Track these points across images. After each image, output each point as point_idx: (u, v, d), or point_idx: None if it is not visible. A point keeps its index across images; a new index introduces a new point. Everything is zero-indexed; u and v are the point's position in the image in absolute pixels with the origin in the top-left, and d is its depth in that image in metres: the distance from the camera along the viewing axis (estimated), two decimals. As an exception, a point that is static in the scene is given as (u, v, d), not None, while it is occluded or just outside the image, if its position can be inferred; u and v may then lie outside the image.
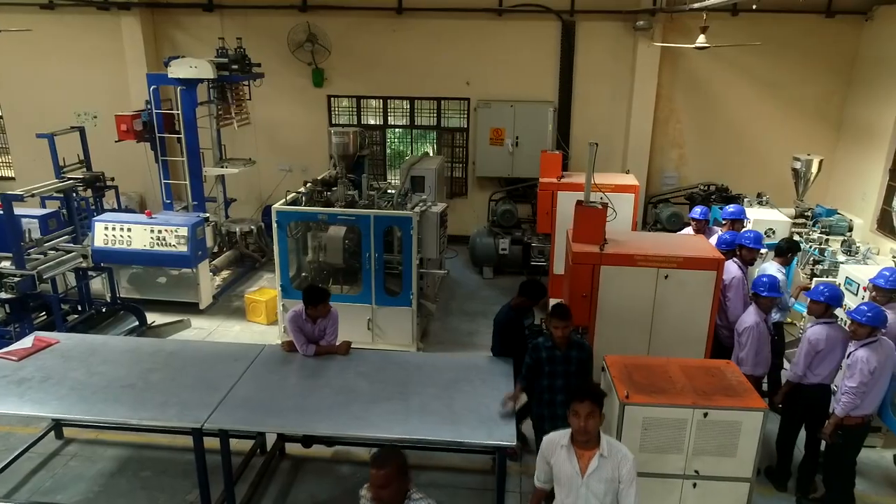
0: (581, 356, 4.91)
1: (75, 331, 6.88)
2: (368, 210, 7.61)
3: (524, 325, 5.80)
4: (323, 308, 5.49)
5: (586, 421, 3.51)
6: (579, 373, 4.89)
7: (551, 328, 4.86)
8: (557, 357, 4.89)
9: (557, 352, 4.88)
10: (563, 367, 4.89)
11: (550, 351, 4.90)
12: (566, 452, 3.62)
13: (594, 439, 3.59)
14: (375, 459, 3.21)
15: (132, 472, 5.68)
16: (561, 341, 4.85)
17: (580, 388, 3.77)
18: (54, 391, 4.90)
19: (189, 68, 9.22)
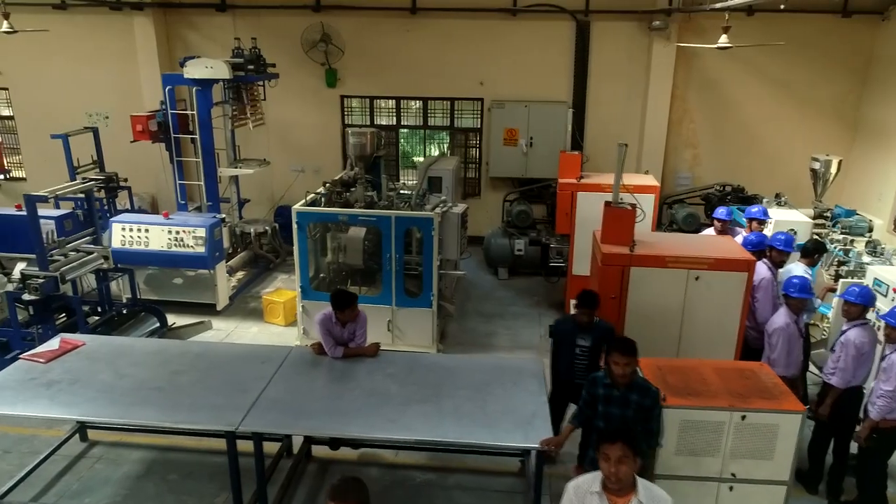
0: (643, 402, 4.21)
1: (97, 332, 6.85)
2: (389, 211, 7.58)
3: (576, 342, 5.33)
4: (351, 311, 5.46)
5: (617, 466, 3.19)
6: (637, 421, 4.20)
7: (611, 363, 4.23)
8: (614, 398, 4.28)
9: (615, 391, 4.28)
10: (619, 412, 4.25)
11: (608, 389, 4.32)
12: (598, 500, 3.30)
13: (628, 486, 3.27)
14: (336, 493, 2.97)
15: (159, 476, 5.65)
16: (621, 380, 4.22)
17: (610, 430, 3.56)
18: (84, 394, 4.87)
19: (205, 69, 9.18)
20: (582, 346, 5.28)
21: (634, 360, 4.24)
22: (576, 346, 5.29)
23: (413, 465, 5.85)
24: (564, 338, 5.40)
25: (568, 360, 5.37)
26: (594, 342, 5.22)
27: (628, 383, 4.24)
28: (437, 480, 5.66)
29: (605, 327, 5.31)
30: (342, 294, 5.51)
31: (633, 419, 4.22)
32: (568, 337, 5.36)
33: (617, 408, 4.28)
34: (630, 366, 4.20)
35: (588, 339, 5.27)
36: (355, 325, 5.56)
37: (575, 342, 5.29)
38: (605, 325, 5.33)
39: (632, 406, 4.23)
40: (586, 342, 5.27)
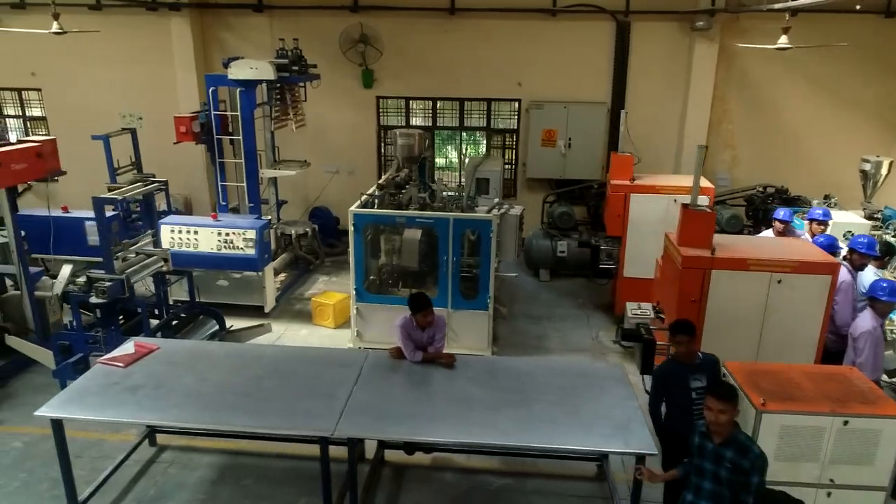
0: (739, 463, 3.72)
1: (158, 335, 6.79)
2: (447, 213, 7.53)
3: (689, 385, 4.59)
4: (429, 314, 5.42)
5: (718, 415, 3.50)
6: (730, 484, 3.77)
7: (705, 408, 3.83)
8: (707, 451, 3.86)
9: (709, 444, 3.86)
10: (711, 467, 3.85)
11: (702, 440, 3.92)
12: None
13: None
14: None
15: (233, 480, 5.60)
16: (716, 430, 3.78)
17: None
18: (170, 399, 4.83)
19: (249, 69, 9.12)
20: (698, 389, 4.53)
21: (732, 408, 3.77)
22: (690, 389, 4.56)
23: (487, 469, 5.80)
24: (673, 381, 4.62)
25: (683, 407, 4.57)
26: (710, 380, 4.51)
27: (725, 436, 3.80)
28: (514, 485, 5.61)
29: (713, 360, 4.72)
30: (420, 297, 5.47)
31: (726, 480, 3.78)
32: (677, 380, 4.59)
33: (710, 462, 3.85)
34: (726, 414, 3.73)
35: (702, 378, 4.56)
36: (434, 329, 5.52)
37: (688, 385, 4.56)
38: (711, 357, 4.74)
39: (725, 464, 3.77)
40: (701, 381, 4.55)
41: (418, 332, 5.47)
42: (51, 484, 5.49)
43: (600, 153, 11.37)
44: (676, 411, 4.62)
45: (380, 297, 7.86)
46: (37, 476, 5.59)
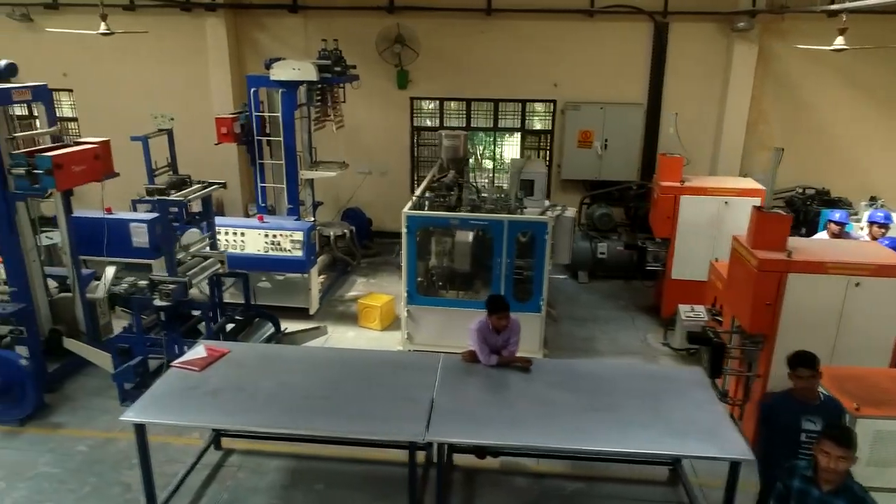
0: None
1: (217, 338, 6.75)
2: (502, 215, 7.49)
3: (800, 426, 4.16)
4: (505, 317, 5.38)
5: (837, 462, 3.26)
6: None
7: (818, 451, 3.49)
8: (812, 498, 3.53)
9: (815, 490, 3.52)
10: None
11: (805, 485, 3.58)
12: None
13: None
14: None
15: (304, 485, 5.56)
16: (829, 477, 3.45)
17: None
18: (252, 403, 4.79)
19: (292, 70, 9.09)
20: (810, 432, 4.08)
21: (852, 455, 3.44)
22: (801, 430, 4.13)
23: (557, 473, 5.76)
24: (781, 418, 4.22)
25: (787, 448, 4.15)
26: (827, 424, 3.93)
27: (837, 484, 3.47)
28: (587, 490, 5.57)
29: (836, 405, 4.26)
30: (498, 299, 5.43)
31: None
32: (787, 418, 4.19)
33: None
34: (846, 461, 3.40)
35: (818, 422, 4.11)
36: (508, 333, 5.48)
37: (798, 425, 4.14)
38: (834, 401, 4.29)
39: None
40: (815, 425, 4.09)
41: (493, 336, 5.43)
42: (122, 488, 5.47)
43: (637, 154, 11.35)
44: (779, 451, 4.19)
45: (432, 300, 7.82)
46: (107, 480, 5.55)
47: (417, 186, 12.46)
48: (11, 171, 6.10)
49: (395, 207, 12.38)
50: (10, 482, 5.50)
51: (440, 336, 7.72)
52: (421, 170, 12.50)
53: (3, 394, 6.18)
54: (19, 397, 6.23)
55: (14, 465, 5.71)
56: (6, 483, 5.49)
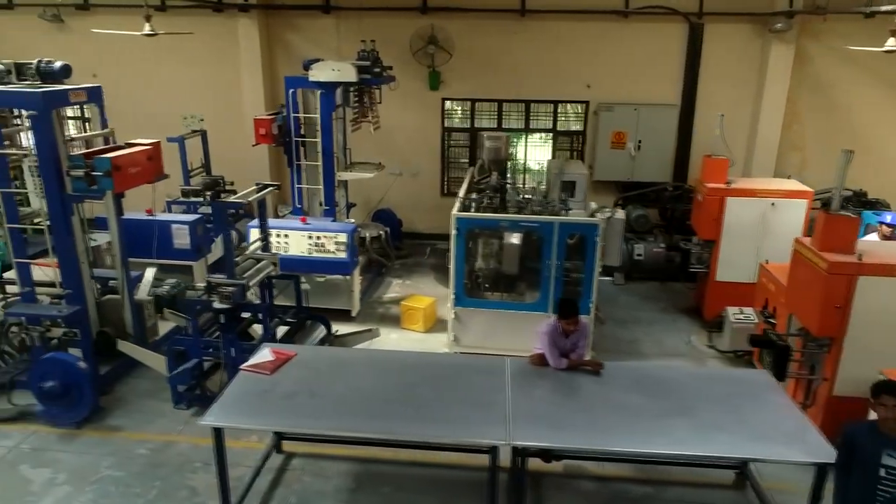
0: None
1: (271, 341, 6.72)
2: (553, 216, 7.46)
3: (879, 461, 3.86)
4: (576, 321, 5.35)
5: None
6: None
7: None
8: None
9: None
10: None
11: None
12: None
13: None
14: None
15: (371, 489, 5.53)
16: None
17: None
18: (328, 406, 4.77)
19: (331, 71, 9.06)
20: (890, 469, 3.84)
21: None
22: (880, 465, 3.86)
23: (622, 477, 5.73)
24: (860, 449, 3.94)
25: (864, 484, 3.94)
26: None
27: None
28: (655, 494, 5.54)
29: None
30: (570, 303, 5.40)
31: None
32: (867, 450, 3.91)
33: None
34: None
35: None
36: (577, 336, 5.46)
37: (878, 460, 3.86)
38: None
39: None
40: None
41: (562, 339, 5.40)
42: (189, 492, 5.44)
43: (670, 155, 11.32)
44: (856, 486, 3.97)
45: (479, 302, 7.79)
46: (172, 484, 5.52)
47: (447, 188, 12.52)
48: (70, 172, 6.07)
49: (424, 209, 12.46)
50: (76, 486, 5.47)
51: (487, 338, 7.70)
52: (451, 171, 12.49)
53: (61, 397, 6.15)
54: (76, 400, 6.20)
55: (77, 469, 5.68)
56: (72, 487, 5.46)
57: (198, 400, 6.62)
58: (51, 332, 6.56)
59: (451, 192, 12.55)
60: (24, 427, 6.28)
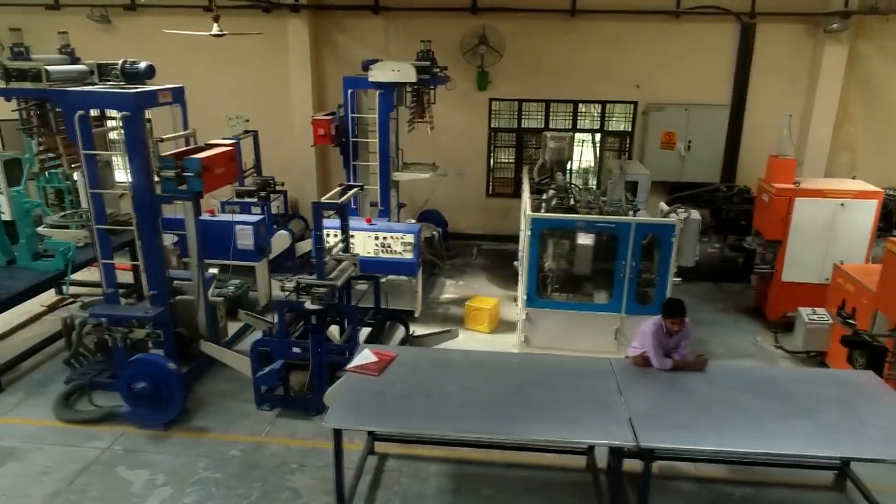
0: None
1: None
2: (629, 217, 7.45)
3: None
4: (682, 322, 5.34)
5: None
6: None
7: None
8: None
9: None
10: None
11: None
12: None
13: None
14: None
15: (472, 490, 5.50)
16: None
17: None
18: (447, 407, 4.76)
19: (391, 72, 9.05)
20: None
21: None
22: None
23: (720, 478, 5.71)
24: None
25: None
26: None
27: None
28: (756, 495, 5.52)
29: None
30: (678, 303, 5.38)
31: None
32: None
33: None
34: None
35: None
36: (680, 336, 5.44)
37: None
38: None
39: None
40: None
41: (666, 339, 5.39)
42: (291, 493, 5.42)
43: (719, 155, 11.30)
44: None
45: (552, 303, 7.77)
46: (273, 486, 5.49)
47: (492, 188, 12.51)
48: (160, 173, 6.05)
49: (469, 209, 12.44)
50: (177, 487, 5.45)
51: (558, 339, 7.69)
52: (496, 172, 12.48)
53: (150, 398, 6.13)
54: (166, 401, 6.18)
55: (174, 470, 5.66)
56: (173, 488, 5.44)
57: (280, 401, 6.62)
58: (133, 334, 6.57)
59: (495, 192, 12.56)
60: (112, 428, 6.26)
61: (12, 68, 5.89)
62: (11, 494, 5.35)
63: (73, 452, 5.89)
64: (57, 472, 5.61)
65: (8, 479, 5.52)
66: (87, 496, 5.34)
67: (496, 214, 12.31)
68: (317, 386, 6.40)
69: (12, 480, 5.51)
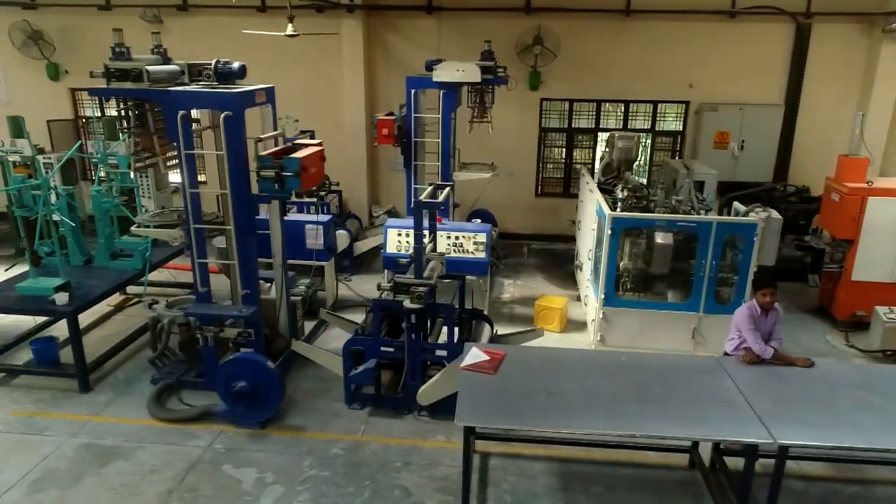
0: None
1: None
2: (710, 216, 7.47)
3: None
4: (772, 293, 5.46)
5: None
6: None
7: None
8: None
9: None
10: None
11: None
12: None
13: None
14: None
15: (581, 488, 5.52)
16: None
17: None
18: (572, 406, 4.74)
19: (456, 72, 9.07)
20: None
21: None
22: None
23: (823, 476, 5.73)
24: None
25: None
26: None
27: None
28: (864, 493, 5.54)
29: None
30: (766, 273, 5.46)
31: None
32: None
33: None
34: None
35: None
36: (775, 317, 5.51)
37: None
38: None
39: None
40: None
41: (762, 320, 5.45)
42: (402, 492, 5.43)
43: (773, 155, 11.32)
44: None
45: (629, 302, 7.80)
46: (382, 484, 5.51)
47: (541, 188, 12.53)
48: (260, 173, 6.08)
49: (518, 209, 12.46)
50: (287, 485, 5.47)
51: (634, 338, 7.71)
52: (545, 171, 12.50)
53: (248, 396, 6.16)
54: (263, 400, 6.20)
55: (281, 469, 5.68)
56: (283, 486, 5.45)
57: (370, 399, 6.64)
58: (224, 333, 6.60)
59: (544, 192, 12.58)
60: (207, 427, 6.28)
61: (114, 68, 5.91)
62: (124, 492, 5.37)
63: (175, 451, 5.91)
64: (165, 471, 5.63)
65: (118, 477, 5.55)
66: (199, 494, 5.37)
67: (545, 214, 12.34)
68: (409, 385, 6.42)
69: (123, 478, 5.53)
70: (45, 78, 12.51)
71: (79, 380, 6.87)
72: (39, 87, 12.59)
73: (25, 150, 10.94)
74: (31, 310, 6.95)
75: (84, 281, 7.36)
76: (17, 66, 12.50)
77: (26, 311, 6.96)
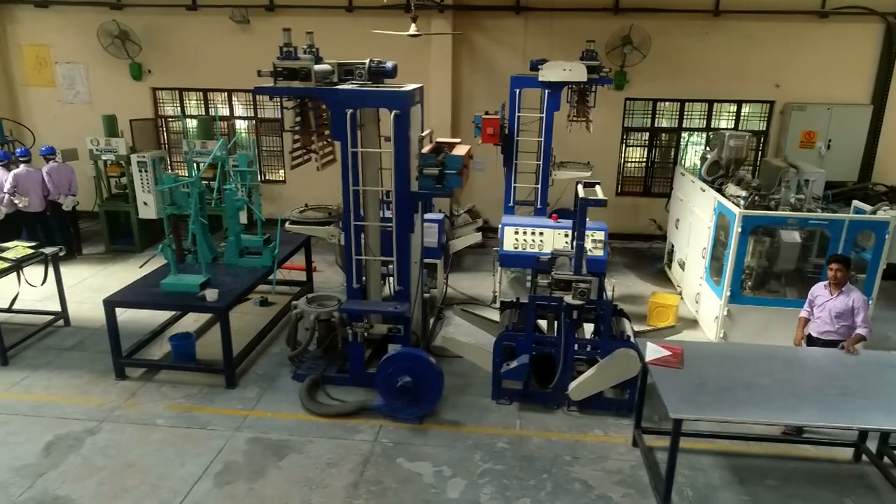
0: None
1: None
2: (842, 215, 7.55)
3: None
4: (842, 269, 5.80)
5: None
6: None
7: None
8: None
9: None
10: None
11: None
12: None
13: None
14: None
15: (756, 481, 5.58)
16: None
17: None
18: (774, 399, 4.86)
19: (562, 71, 9.16)
20: None
21: None
22: None
23: None
24: None
25: None
26: None
27: None
28: None
29: None
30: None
31: None
32: None
33: None
34: None
35: None
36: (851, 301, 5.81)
37: None
38: None
39: None
40: None
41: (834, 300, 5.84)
42: (582, 486, 5.50)
43: (859, 154, 11.39)
44: None
45: (756, 299, 7.88)
46: (559, 478, 5.57)
47: (621, 187, 12.60)
48: (423, 171, 6.17)
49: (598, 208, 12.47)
50: (467, 478, 5.54)
51: (758, 335, 7.78)
52: (626, 170, 12.57)
53: (409, 392, 6.24)
54: (424, 395, 6.29)
55: (455, 462, 5.76)
56: (464, 479, 5.53)
57: (518, 394, 6.72)
58: (373, 329, 6.69)
59: (624, 191, 12.66)
60: (364, 422, 6.36)
61: (282, 67, 5.99)
62: (310, 484, 5.45)
63: (344, 445, 5.99)
64: (342, 465, 5.71)
65: (298, 470, 5.63)
66: (385, 487, 5.44)
67: (625, 213, 12.40)
68: (560, 380, 6.50)
69: (304, 471, 5.61)
70: (126, 77, 12.60)
71: (226, 375, 6.96)
72: (120, 86, 12.68)
73: (121, 149, 11.08)
74: (181, 305, 7.04)
75: (220, 278, 7.44)
76: (98, 65, 12.59)
77: (177, 306, 7.04)
